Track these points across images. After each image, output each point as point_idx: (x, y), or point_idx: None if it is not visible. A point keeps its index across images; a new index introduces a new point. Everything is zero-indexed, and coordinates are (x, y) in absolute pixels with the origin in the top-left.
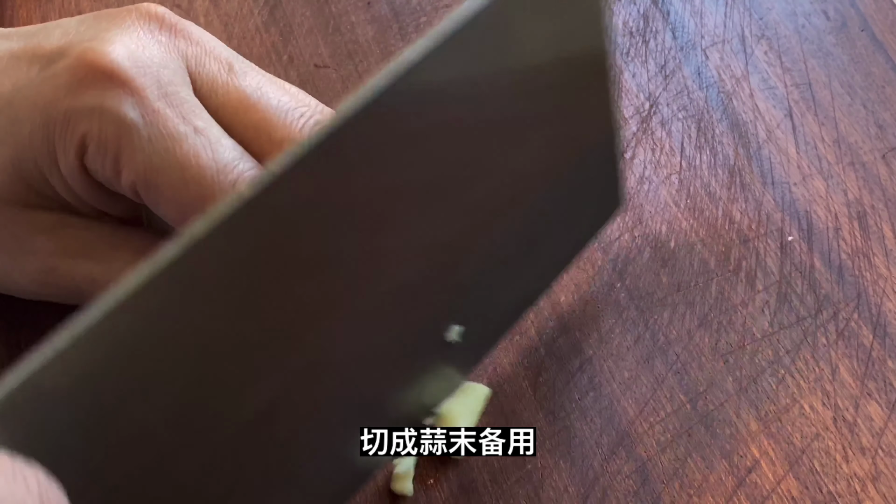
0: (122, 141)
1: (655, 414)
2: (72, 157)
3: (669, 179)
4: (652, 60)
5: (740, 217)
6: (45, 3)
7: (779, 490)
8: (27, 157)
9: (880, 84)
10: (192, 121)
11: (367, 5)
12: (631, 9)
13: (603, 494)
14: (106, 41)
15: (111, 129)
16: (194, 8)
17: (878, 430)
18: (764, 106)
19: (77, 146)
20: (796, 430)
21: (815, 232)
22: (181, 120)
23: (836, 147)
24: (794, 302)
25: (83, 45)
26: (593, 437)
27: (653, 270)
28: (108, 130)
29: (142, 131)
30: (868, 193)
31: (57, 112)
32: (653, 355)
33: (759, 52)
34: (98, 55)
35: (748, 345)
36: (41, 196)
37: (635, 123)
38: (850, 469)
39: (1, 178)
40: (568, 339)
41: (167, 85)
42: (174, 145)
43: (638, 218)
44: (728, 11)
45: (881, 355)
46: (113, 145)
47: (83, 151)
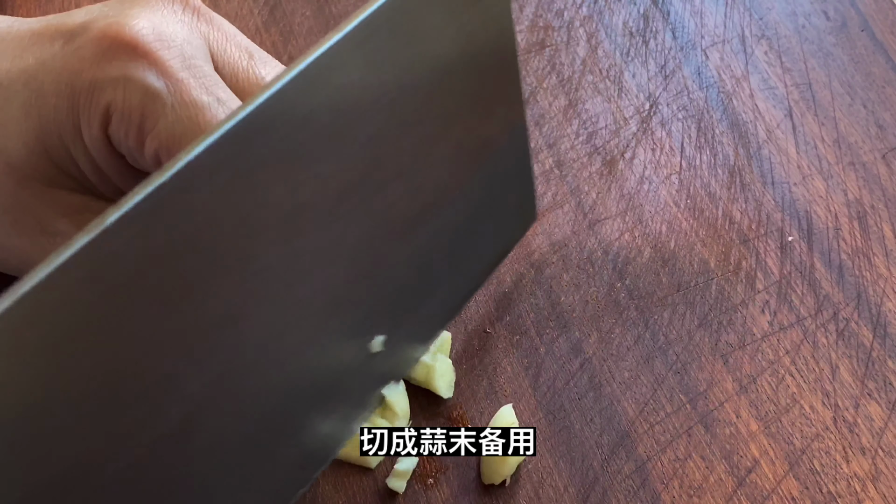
0: (146, 110)
1: (655, 414)
2: (96, 127)
3: (669, 179)
4: (652, 60)
5: (740, 217)
6: (45, 3)
7: (779, 490)
8: (52, 131)
9: (880, 84)
10: (216, 92)
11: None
12: (631, 9)
13: (603, 494)
14: (130, 16)
15: (135, 98)
16: None
17: (879, 430)
18: (764, 106)
19: (101, 116)
20: (796, 430)
21: (815, 232)
22: (204, 90)
23: (836, 147)
24: (794, 302)
25: (107, 20)
26: (593, 437)
27: (653, 270)
28: (132, 99)
29: (165, 100)
30: (868, 193)
31: (81, 83)
32: (653, 355)
33: (759, 52)
34: (122, 28)
35: (748, 345)
36: (64, 174)
37: (635, 123)
38: (851, 469)
39: (25, 152)
40: (568, 339)
41: (190, 58)
42: (198, 113)
43: (638, 218)
44: (728, 11)
45: (881, 355)
46: (137, 114)
47: (107, 121)
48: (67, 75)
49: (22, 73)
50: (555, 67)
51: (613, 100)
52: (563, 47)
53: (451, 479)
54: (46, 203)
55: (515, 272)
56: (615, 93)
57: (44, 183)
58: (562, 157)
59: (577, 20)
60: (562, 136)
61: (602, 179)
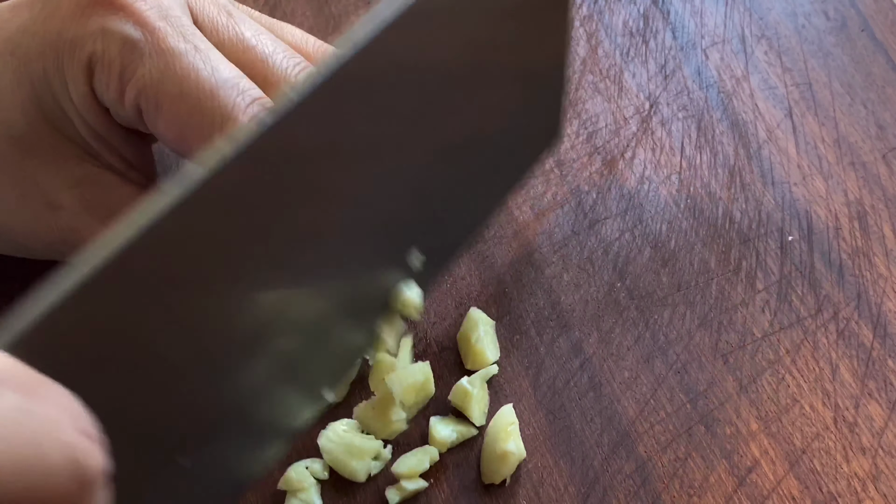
0: (124, 59)
1: (655, 414)
2: (81, 83)
3: (669, 179)
4: (652, 60)
5: (740, 217)
6: None
7: (779, 490)
8: (45, 95)
9: (880, 84)
10: (192, 40)
11: (367, 5)
12: (631, 9)
13: (603, 494)
14: None
15: (115, 48)
16: None
17: (879, 430)
18: (764, 106)
19: (85, 70)
20: (796, 429)
21: (816, 232)
22: (181, 38)
23: (836, 147)
24: (794, 302)
25: None
26: (593, 437)
27: (653, 270)
28: (111, 49)
29: (143, 48)
30: (868, 193)
31: (63, 42)
32: (653, 355)
33: (759, 52)
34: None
35: (748, 345)
36: (67, 140)
37: (635, 123)
38: (851, 469)
39: (25, 121)
40: (568, 339)
41: (168, 9)
42: (174, 60)
43: (638, 218)
44: (728, 11)
45: (881, 355)
46: (117, 63)
47: (91, 74)
48: (50, 36)
49: (7, 42)
50: None
51: (613, 100)
52: None
53: (451, 478)
54: (52, 174)
55: (515, 272)
56: (615, 93)
57: (49, 152)
58: (562, 157)
59: (577, 20)
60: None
61: (602, 179)
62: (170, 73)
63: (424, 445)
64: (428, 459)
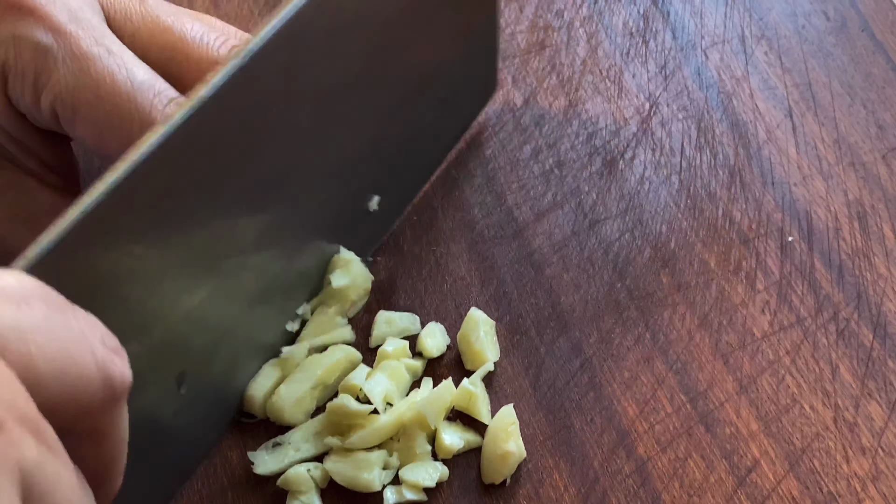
0: (37, 66)
1: (655, 414)
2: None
3: (669, 179)
4: (652, 61)
5: (740, 217)
6: None
7: (779, 490)
8: None
9: (880, 84)
10: (105, 42)
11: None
12: (631, 9)
13: (603, 494)
14: None
15: (27, 55)
16: (194, 8)
17: (879, 430)
18: (764, 106)
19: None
20: (796, 430)
21: (815, 232)
22: (93, 41)
23: (836, 147)
24: (794, 302)
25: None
26: (593, 437)
27: (653, 271)
28: (24, 56)
29: (55, 54)
30: (868, 193)
31: None
32: (653, 355)
33: (759, 52)
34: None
35: (748, 345)
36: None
37: (635, 123)
38: (851, 469)
39: None
40: (568, 339)
41: (77, 11)
42: (88, 64)
43: (638, 218)
44: (728, 12)
45: (881, 355)
46: (30, 70)
47: (4, 81)
48: None
49: None
50: (555, 68)
51: (613, 100)
52: (563, 48)
53: (451, 478)
54: None
55: (515, 272)
56: (615, 93)
57: None
58: (562, 157)
59: (577, 20)
60: (562, 137)
61: (602, 179)
62: (85, 78)
63: (435, 462)
64: (437, 477)
